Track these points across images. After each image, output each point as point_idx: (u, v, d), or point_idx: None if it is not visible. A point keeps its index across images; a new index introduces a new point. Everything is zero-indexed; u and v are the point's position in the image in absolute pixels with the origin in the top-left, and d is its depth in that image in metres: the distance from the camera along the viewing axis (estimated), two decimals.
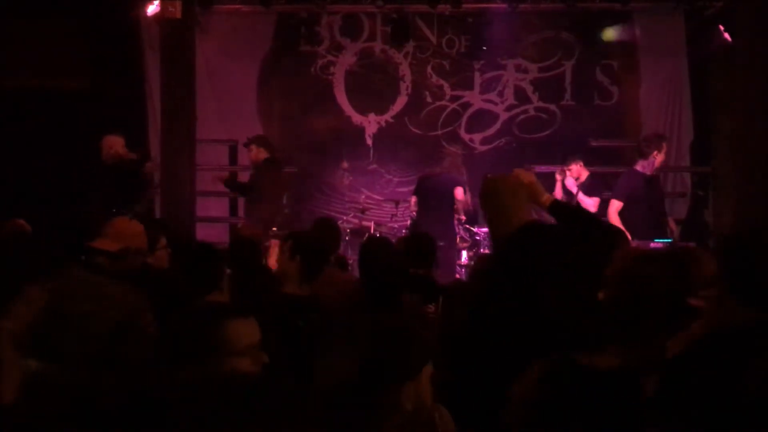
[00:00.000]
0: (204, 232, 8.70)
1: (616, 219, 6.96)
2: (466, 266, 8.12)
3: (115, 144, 7.64)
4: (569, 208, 3.66)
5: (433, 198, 7.95)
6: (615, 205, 7.08)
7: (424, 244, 5.07)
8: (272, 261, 5.37)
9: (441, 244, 6.55)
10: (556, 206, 3.37)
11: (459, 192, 7.92)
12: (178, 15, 7.86)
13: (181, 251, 4.24)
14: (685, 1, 8.97)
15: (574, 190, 8.09)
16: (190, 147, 8.14)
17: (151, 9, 8.20)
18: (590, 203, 7.90)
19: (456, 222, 8.08)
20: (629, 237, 6.45)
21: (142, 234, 3.77)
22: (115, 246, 3.58)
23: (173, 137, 8.01)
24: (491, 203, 3.36)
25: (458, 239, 8.15)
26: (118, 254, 3.57)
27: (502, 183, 3.34)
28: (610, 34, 9.47)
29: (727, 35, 8.40)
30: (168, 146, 8.06)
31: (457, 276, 7.84)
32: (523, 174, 3.42)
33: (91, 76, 9.39)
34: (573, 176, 8.20)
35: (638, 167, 7.13)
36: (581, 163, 8.28)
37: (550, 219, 3.47)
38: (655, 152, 7.06)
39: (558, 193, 8.00)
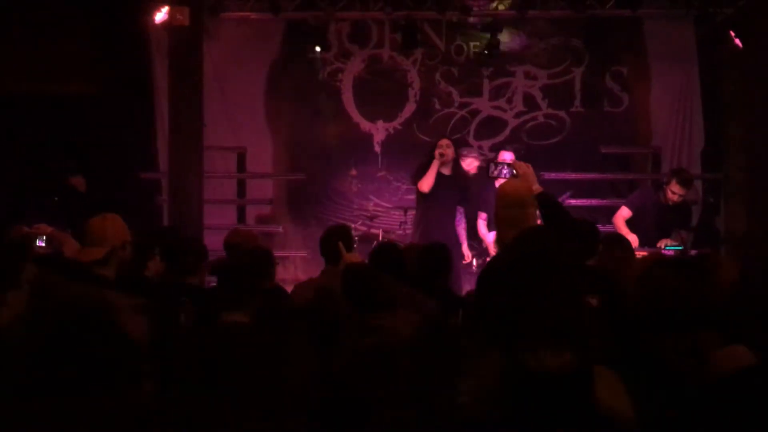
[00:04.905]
0: (211, 240, 8.64)
1: (621, 224, 7.22)
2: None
3: None
4: (553, 200, 4.07)
5: None
6: (624, 212, 7.30)
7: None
8: None
9: None
10: (542, 197, 3.90)
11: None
12: (187, 22, 7.86)
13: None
14: (696, 7, 8.90)
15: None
16: (198, 154, 8.13)
17: (160, 16, 8.19)
18: None
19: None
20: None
21: (122, 227, 3.73)
22: (100, 252, 3.56)
23: (181, 144, 8.01)
24: (503, 211, 3.86)
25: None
26: (103, 260, 3.56)
27: (514, 194, 3.86)
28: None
29: (738, 41, 8.33)
30: (175, 153, 8.06)
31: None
32: (520, 165, 4.07)
33: (99, 82, 9.39)
34: (465, 167, 8.08)
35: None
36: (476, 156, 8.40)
37: None
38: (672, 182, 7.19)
39: None
